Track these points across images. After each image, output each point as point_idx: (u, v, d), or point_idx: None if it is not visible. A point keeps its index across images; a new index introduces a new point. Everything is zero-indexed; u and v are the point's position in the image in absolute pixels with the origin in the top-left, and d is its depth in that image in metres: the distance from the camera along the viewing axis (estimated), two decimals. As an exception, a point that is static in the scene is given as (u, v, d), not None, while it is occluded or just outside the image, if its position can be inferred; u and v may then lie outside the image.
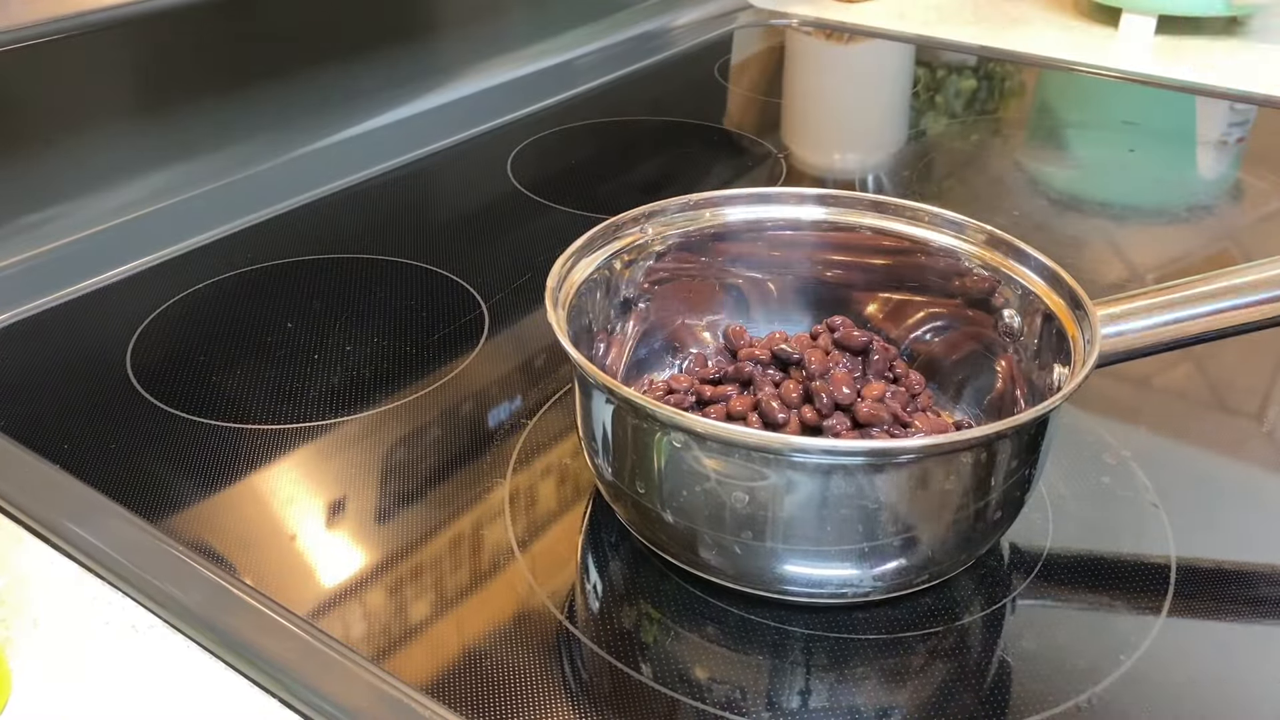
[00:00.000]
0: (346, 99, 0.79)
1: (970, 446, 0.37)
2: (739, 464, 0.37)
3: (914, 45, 1.06)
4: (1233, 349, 0.56)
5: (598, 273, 0.46)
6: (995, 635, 0.40)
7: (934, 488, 0.37)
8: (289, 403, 0.52)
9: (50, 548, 0.43)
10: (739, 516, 0.37)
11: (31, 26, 0.60)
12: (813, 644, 0.39)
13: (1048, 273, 0.44)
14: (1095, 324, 0.41)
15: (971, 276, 0.47)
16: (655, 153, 0.84)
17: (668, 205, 0.49)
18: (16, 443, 0.48)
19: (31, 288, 0.61)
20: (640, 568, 0.43)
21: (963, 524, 0.39)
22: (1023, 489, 0.40)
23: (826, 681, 0.38)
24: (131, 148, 0.67)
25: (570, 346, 0.39)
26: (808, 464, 0.36)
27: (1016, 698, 0.37)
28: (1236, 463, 0.51)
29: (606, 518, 0.45)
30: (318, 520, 0.46)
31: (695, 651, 0.39)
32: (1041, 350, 0.44)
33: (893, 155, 0.87)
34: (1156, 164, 0.83)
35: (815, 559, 0.38)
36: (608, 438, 0.40)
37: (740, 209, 0.50)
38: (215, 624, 0.39)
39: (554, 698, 0.37)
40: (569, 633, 0.40)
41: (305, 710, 0.36)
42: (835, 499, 0.36)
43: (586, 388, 0.41)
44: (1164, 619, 0.41)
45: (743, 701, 0.37)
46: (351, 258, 0.66)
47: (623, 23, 1.03)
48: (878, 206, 0.49)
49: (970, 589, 0.42)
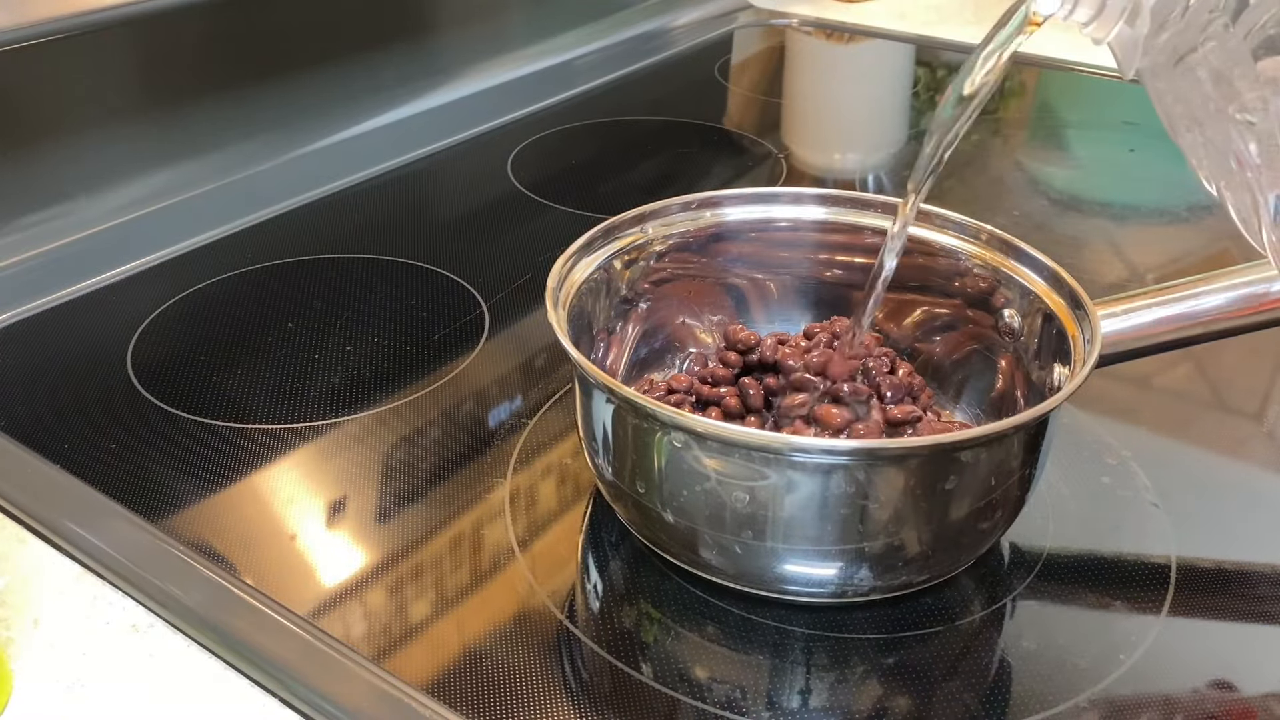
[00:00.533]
0: (346, 99, 0.79)
1: (971, 446, 0.37)
2: (739, 464, 0.37)
3: (914, 45, 1.06)
4: (1233, 349, 0.56)
5: (598, 273, 0.46)
6: (995, 635, 0.40)
7: (934, 488, 0.37)
8: (289, 403, 0.52)
9: (51, 548, 0.43)
10: (739, 516, 0.37)
11: (31, 26, 0.60)
12: (813, 644, 0.39)
13: (1048, 273, 0.44)
14: (1095, 324, 0.41)
15: (972, 276, 0.47)
16: (655, 153, 0.84)
17: (668, 205, 0.49)
18: (16, 443, 0.48)
19: (31, 288, 0.61)
20: (640, 568, 0.43)
21: (963, 524, 0.39)
22: (1023, 489, 0.40)
23: (826, 681, 0.38)
24: (131, 148, 0.67)
25: (570, 346, 0.39)
26: (808, 463, 0.36)
27: (1016, 698, 0.37)
28: (1236, 463, 0.51)
29: (607, 518, 0.45)
30: (318, 520, 0.46)
31: (696, 651, 0.39)
32: (1041, 350, 0.44)
33: (893, 155, 0.87)
34: (1156, 164, 0.83)
35: (816, 559, 0.38)
36: (608, 437, 0.40)
37: (740, 209, 0.50)
38: (215, 624, 0.39)
39: (554, 697, 0.37)
40: (569, 632, 0.40)
41: (305, 710, 0.36)
42: (835, 498, 0.36)
43: (587, 387, 0.41)
44: (1164, 619, 0.41)
45: (743, 701, 0.37)
46: (351, 258, 0.66)
47: (623, 23, 1.03)
48: (878, 206, 0.49)
49: (970, 589, 0.42)
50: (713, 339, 0.51)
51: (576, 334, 0.44)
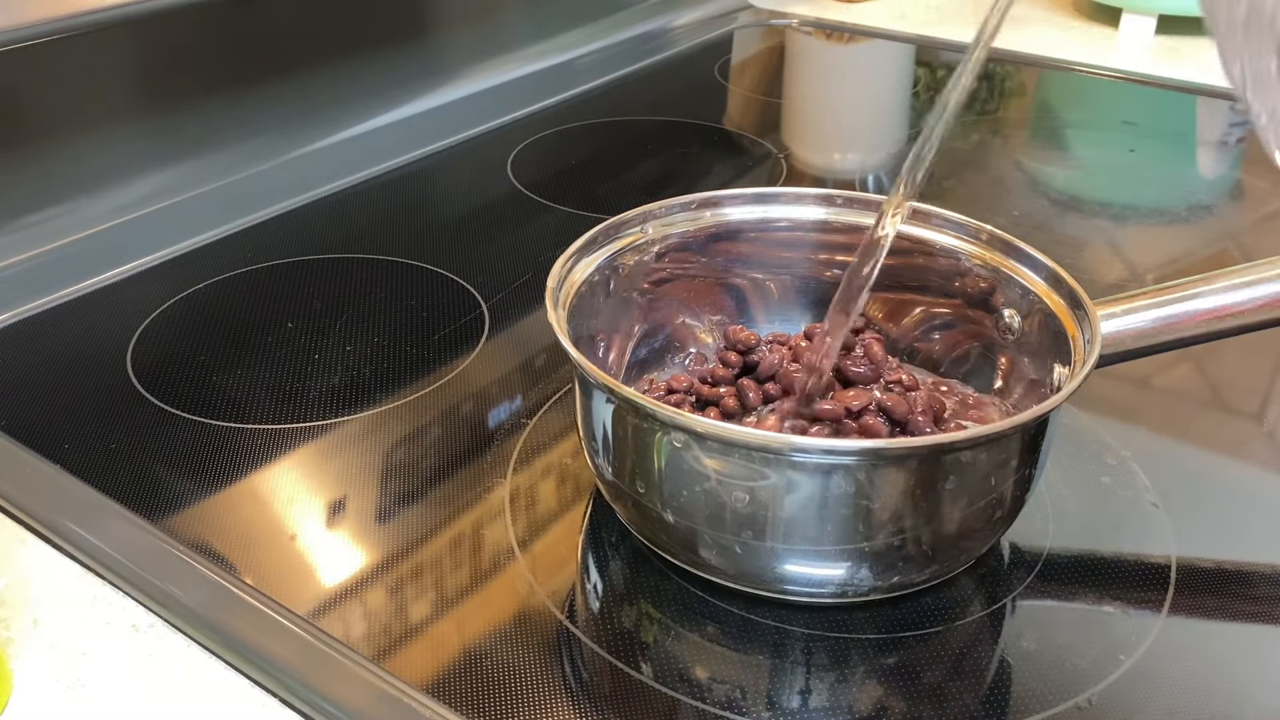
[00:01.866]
0: (346, 99, 0.79)
1: (971, 446, 0.37)
2: (739, 464, 0.37)
3: (914, 45, 1.06)
4: (1233, 349, 0.56)
5: (598, 273, 0.46)
6: (995, 635, 0.40)
7: (934, 488, 0.37)
8: (289, 403, 0.52)
9: (51, 548, 0.43)
10: (739, 516, 0.37)
11: (31, 26, 0.60)
12: (813, 643, 0.39)
13: (1047, 272, 0.44)
14: (1095, 324, 0.41)
15: (972, 276, 0.47)
16: (655, 153, 0.84)
17: (668, 205, 0.49)
18: (16, 443, 0.48)
19: (31, 288, 0.61)
20: (640, 568, 0.43)
21: (963, 524, 0.39)
22: (1023, 489, 0.40)
23: (826, 681, 0.38)
24: (131, 148, 0.67)
25: (570, 346, 0.39)
26: (807, 463, 0.36)
27: (1016, 698, 0.37)
28: (1236, 463, 0.51)
29: (607, 518, 0.45)
30: (318, 520, 0.46)
31: (695, 651, 0.39)
32: (1041, 350, 0.44)
33: (893, 155, 0.87)
34: (1156, 164, 0.83)
35: (816, 559, 0.38)
36: (608, 437, 0.40)
37: (741, 209, 0.50)
38: (215, 623, 0.39)
39: (554, 697, 0.37)
40: (569, 632, 0.40)
41: (305, 710, 0.36)
42: (835, 498, 0.36)
43: (587, 388, 0.41)
44: (1164, 619, 0.41)
45: (742, 701, 0.37)
46: (351, 258, 0.66)
47: (623, 23, 1.03)
48: (878, 206, 0.49)
49: (970, 589, 0.42)
50: (713, 339, 0.51)
51: (576, 334, 0.44)
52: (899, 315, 0.50)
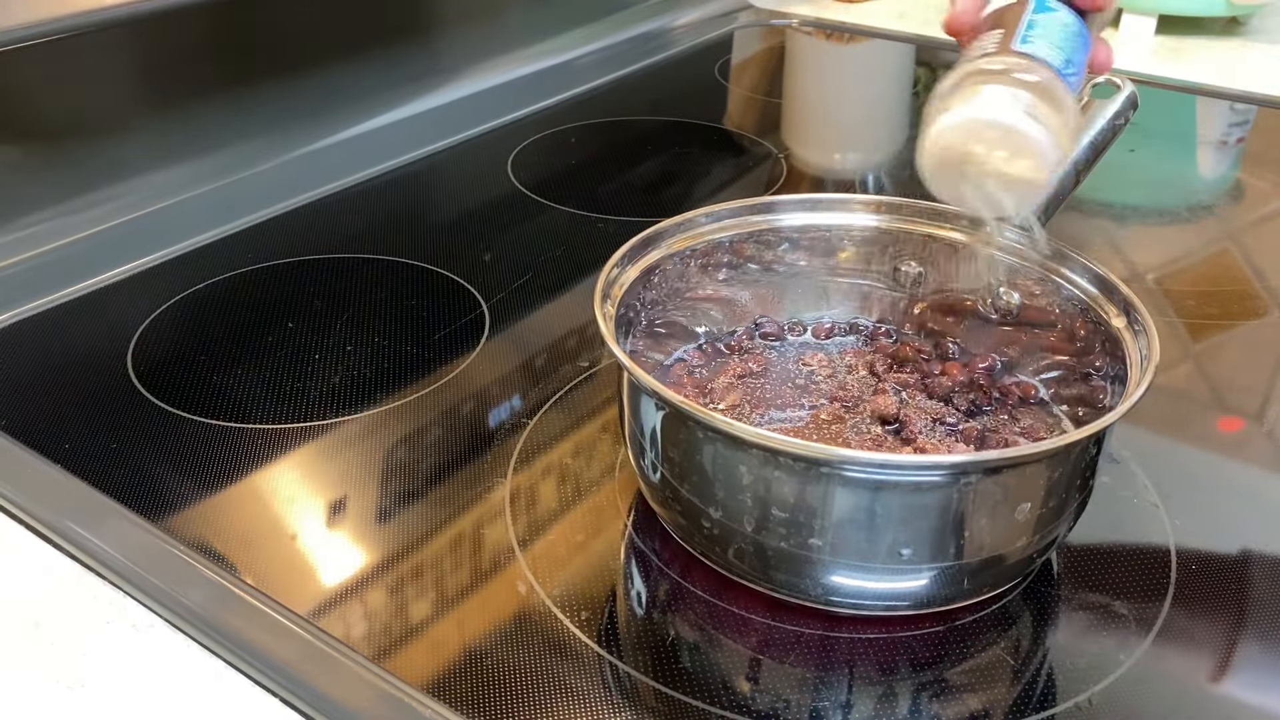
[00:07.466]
0: (346, 99, 0.79)
1: (1040, 460, 0.37)
2: (794, 476, 0.36)
3: (914, 45, 1.06)
4: (1233, 349, 0.57)
5: (643, 277, 0.46)
6: (995, 635, 0.40)
7: (1001, 503, 0.37)
8: (289, 403, 0.52)
9: (51, 548, 0.43)
10: (787, 525, 0.37)
11: (33, 26, 0.60)
12: (812, 643, 0.39)
13: (1100, 281, 0.45)
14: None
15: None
16: (655, 153, 0.84)
17: (718, 210, 0.49)
18: (17, 442, 0.48)
19: (31, 288, 0.61)
20: (640, 567, 0.43)
21: (1031, 536, 0.38)
22: (1088, 494, 0.40)
23: (821, 680, 0.38)
24: (132, 147, 0.67)
25: (623, 356, 0.39)
26: (863, 478, 0.36)
27: (1016, 698, 0.37)
28: (1236, 463, 0.51)
29: (607, 517, 0.45)
30: (318, 520, 0.46)
31: (695, 651, 0.39)
32: (1092, 360, 0.44)
33: (893, 155, 0.87)
34: (1156, 164, 0.83)
35: (863, 573, 0.38)
36: (658, 444, 0.40)
37: (792, 215, 0.51)
38: (216, 623, 0.39)
39: (554, 697, 0.37)
40: (569, 632, 0.40)
41: (305, 709, 0.36)
42: (888, 512, 0.36)
43: (636, 393, 0.41)
44: (1164, 619, 0.41)
45: (744, 699, 0.37)
46: (351, 258, 0.66)
47: (623, 23, 1.03)
48: (933, 214, 0.50)
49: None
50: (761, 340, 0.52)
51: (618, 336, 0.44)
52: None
